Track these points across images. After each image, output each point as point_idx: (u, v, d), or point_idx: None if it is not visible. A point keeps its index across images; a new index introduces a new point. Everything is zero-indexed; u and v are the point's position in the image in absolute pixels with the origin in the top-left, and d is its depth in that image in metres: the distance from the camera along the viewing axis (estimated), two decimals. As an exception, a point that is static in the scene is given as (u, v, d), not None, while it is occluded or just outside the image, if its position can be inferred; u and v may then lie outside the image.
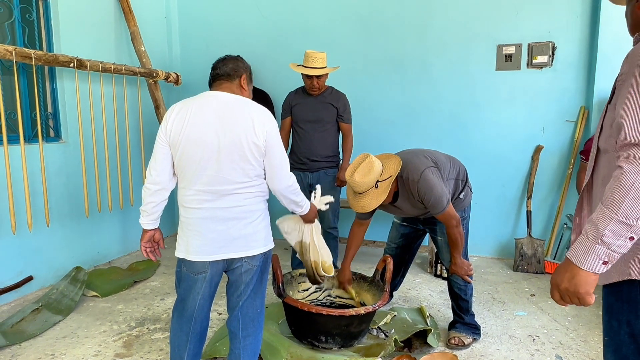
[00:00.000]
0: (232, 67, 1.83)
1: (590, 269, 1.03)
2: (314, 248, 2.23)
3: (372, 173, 2.19)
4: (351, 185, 2.25)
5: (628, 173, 0.97)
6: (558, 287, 1.11)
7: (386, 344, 2.36)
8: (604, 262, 1.02)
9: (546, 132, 3.85)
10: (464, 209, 2.57)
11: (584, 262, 1.03)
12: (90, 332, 2.72)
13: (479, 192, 4.01)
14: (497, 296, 3.26)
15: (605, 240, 1.00)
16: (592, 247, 1.02)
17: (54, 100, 3.53)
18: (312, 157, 3.30)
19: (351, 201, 2.32)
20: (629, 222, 0.97)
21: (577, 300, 1.08)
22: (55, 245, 3.44)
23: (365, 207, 2.23)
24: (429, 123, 4.11)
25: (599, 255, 1.01)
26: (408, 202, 2.38)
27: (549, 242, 3.86)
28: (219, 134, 1.69)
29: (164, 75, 3.99)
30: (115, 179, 3.80)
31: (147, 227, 1.87)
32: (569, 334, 2.69)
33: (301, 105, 3.31)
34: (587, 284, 1.05)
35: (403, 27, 4.07)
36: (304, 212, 2.03)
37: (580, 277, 1.05)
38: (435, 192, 2.23)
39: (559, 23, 3.70)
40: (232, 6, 4.54)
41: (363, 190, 2.22)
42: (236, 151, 1.70)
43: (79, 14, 3.59)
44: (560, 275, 1.10)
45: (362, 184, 2.19)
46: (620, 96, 1.04)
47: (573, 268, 1.06)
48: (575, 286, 1.06)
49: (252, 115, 1.72)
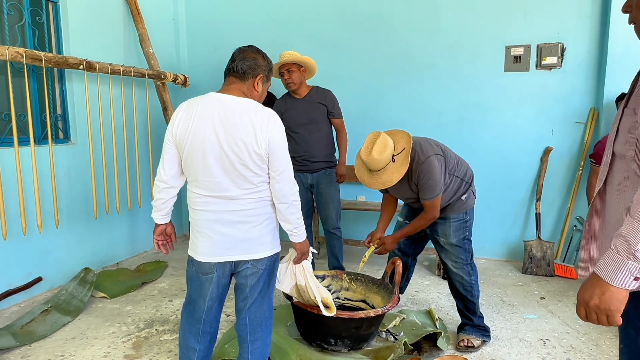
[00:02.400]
0: (249, 65, 1.76)
1: (621, 285, 0.99)
2: (311, 288, 2.14)
3: (388, 148, 2.24)
4: (369, 164, 2.28)
5: None
6: (587, 304, 1.06)
7: (395, 346, 2.34)
8: (635, 278, 0.98)
9: (555, 134, 3.82)
10: (466, 211, 2.55)
11: (614, 279, 0.99)
12: (99, 333, 2.72)
13: (487, 193, 4.00)
14: (506, 299, 3.24)
15: (638, 255, 0.96)
16: (624, 263, 0.98)
17: (63, 102, 3.55)
18: (311, 158, 3.30)
19: (368, 180, 2.35)
20: None
21: (606, 318, 1.04)
22: (64, 246, 3.46)
23: (387, 182, 2.27)
24: (437, 125, 4.09)
25: (630, 272, 0.97)
26: (405, 181, 2.41)
27: (559, 244, 3.83)
28: (221, 141, 1.67)
29: (172, 77, 4.00)
30: (123, 180, 3.81)
31: (158, 222, 1.90)
32: (580, 338, 2.66)
33: (291, 110, 3.29)
34: (618, 301, 1.01)
35: (410, 29, 4.06)
36: (300, 237, 1.87)
37: (611, 294, 1.01)
38: (433, 179, 2.31)
39: (568, 24, 3.68)
40: (240, 8, 4.55)
41: (381, 167, 2.27)
42: (238, 160, 1.68)
43: (88, 16, 3.62)
44: (589, 291, 1.05)
45: (381, 161, 2.24)
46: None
47: (602, 284, 1.01)
48: (606, 303, 1.02)
49: (255, 122, 1.67)
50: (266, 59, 1.86)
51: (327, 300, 2.18)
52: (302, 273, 2.11)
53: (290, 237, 1.88)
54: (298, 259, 2.03)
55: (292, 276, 2.14)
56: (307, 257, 2.04)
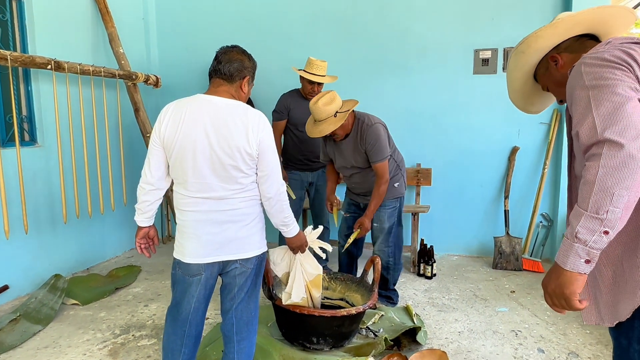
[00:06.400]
0: (236, 68, 1.76)
1: (573, 268, 1.04)
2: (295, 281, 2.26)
3: (333, 103, 2.63)
4: (313, 112, 2.66)
5: (590, 168, 1.00)
6: (546, 289, 1.12)
7: (377, 343, 2.39)
8: (586, 261, 1.03)
9: (522, 134, 3.99)
10: (398, 197, 2.98)
11: (566, 262, 1.05)
12: (73, 341, 2.64)
13: (459, 192, 4.13)
14: (479, 293, 3.35)
15: (580, 237, 1.01)
16: (571, 246, 1.04)
17: (29, 103, 3.41)
18: (313, 158, 3.46)
19: (310, 129, 2.75)
20: (599, 216, 0.99)
21: (564, 302, 1.09)
22: (31, 252, 3.33)
23: (323, 132, 2.65)
24: (409, 126, 4.18)
25: (578, 254, 1.03)
26: (352, 145, 2.81)
27: (526, 239, 3.99)
28: (212, 142, 1.68)
29: (143, 77, 3.92)
30: (95, 183, 3.70)
31: (141, 225, 1.88)
32: (549, 328, 2.79)
33: (299, 109, 3.39)
34: (572, 284, 1.05)
35: (384, 33, 4.14)
36: (290, 233, 1.94)
37: (564, 277, 1.06)
38: (380, 142, 2.71)
39: (531, 29, 3.79)
40: (212, 8, 4.51)
41: (323, 118, 2.64)
42: (229, 161, 1.69)
43: (54, 14, 3.50)
44: (548, 277, 1.12)
45: (324, 112, 2.62)
46: (572, 112, 1.11)
47: (558, 269, 1.08)
48: (560, 287, 1.07)
49: (246, 123, 1.69)
50: (252, 60, 1.87)
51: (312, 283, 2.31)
52: (299, 265, 2.25)
53: (282, 233, 1.95)
54: (294, 252, 2.14)
55: (288, 263, 2.26)
56: (302, 251, 2.14)
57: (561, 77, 1.30)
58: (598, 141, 1.01)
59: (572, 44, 1.30)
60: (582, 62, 1.13)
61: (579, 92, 1.08)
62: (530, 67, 1.39)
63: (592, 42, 1.30)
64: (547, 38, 1.30)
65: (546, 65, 1.35)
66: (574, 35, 1.30)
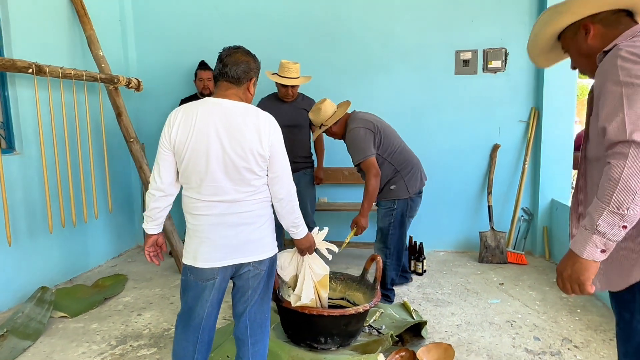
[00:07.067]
0: (243, 70, 1.76)
1: (589, 257, 1.13)
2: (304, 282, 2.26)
3: (321, 114, 2.92)
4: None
5: (615, 167, 1.07)
6: (562, 275, 1.20)
7: (383, 339, 2.42)
8: (602, 251, 1.12)
9: (502, 132, 4.13)
10: (394, 200, 3.00)
11: (583, 251, 1.13)
12: (67, 355, 2.54)
13: (443, 190, 4.23)
14: (470, 287, 3.45)
15: (600, 229, 1.10)
16: (590, 237, 1.12)
17: (6, 108, 3.26)
18: (293, 159, 3.35)
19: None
20: (620, 212, 1.07)
21: (578, 287, 1.18)
22: (11, 265, 3.17)
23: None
24: (394, 126, 4.19)
25: (596, 244, 1.11)
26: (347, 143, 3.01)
27: (509, 233, 4.14)
28: (225, 145, 1.67)
29: (125, 81, 3.81)
30: (79, 191, 3.57)
31: (151, 232, 1.84)
32: (540, 317, 2.91)
33: (277, 112, 3.34)
34: (587, 271, 1.14)
35: (367, 35, 4.20)
36: (300, 234, 1.96)
37: (580, 265, 1.15)
38: (356, 144, 2.87)
39: (509, 30, 4.00)
40: (191, 9, 4.44)
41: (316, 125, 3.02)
42: (242, 163, 1.68)
43: (30, 16, 3.35)
44: (564, 263, 1.20)
45: (313, 121, 2.99)
46: (600, 105, 1.16)
47: (574, 257, 1.16)
48: (576, 273, 1.16)
49: (258, 125, 1.70)
50: (256, 61, 1.87)
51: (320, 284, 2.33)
52: (307, 268, 2.26)
53: (292, 235, 1.96)
54: (302, 253, 2.17)
55: (295, 267, 2.27)
56: (310, 252, 2.16)
57: (587, 49, 1.30)
58: (625, 141, 1.06)
59: (608, 16, 1.27)
60: (618, 53, 1.14)
61: (612, 87, 1.12)
62: (561, 27, 1.36)
63: (628, 19, 1.28)
64: (592, 4, 1.26)
65: (575, 30, 1.33)
66: (617, 8, 1.27)
